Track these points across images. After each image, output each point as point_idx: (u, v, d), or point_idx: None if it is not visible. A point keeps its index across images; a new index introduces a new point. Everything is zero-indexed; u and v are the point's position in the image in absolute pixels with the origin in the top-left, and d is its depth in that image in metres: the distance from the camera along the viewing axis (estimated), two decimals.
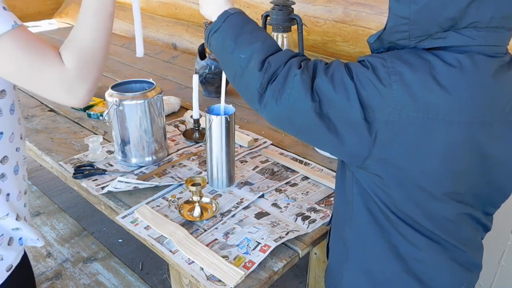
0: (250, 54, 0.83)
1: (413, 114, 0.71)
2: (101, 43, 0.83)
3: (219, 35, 0.89)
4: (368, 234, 0.88)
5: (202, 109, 1.55)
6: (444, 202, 0.80)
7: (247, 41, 0.85)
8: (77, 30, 0.83)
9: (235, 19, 0.89)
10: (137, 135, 1.35)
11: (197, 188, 1.15)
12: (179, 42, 2.87)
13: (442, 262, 0.87)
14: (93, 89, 0.84)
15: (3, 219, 0.90)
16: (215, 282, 0.95)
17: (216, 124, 1.20)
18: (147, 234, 1.10)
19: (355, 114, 0.73)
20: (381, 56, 0.75)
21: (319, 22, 2.10)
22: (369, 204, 0.85)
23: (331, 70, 0.77)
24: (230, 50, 0.86)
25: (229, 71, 0.89)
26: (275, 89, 0.79)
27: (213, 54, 0.94)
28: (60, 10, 3.88)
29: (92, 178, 1.32)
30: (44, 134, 1.60)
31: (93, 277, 2.14)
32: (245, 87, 0.85)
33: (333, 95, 0.74)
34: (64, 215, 2.60)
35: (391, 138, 0.73)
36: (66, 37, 0.84)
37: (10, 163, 0.90)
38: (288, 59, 0.81)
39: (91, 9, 0.82)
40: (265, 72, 0.80)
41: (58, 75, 0.78)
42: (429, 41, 0.73)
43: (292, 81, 0.77)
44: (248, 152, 1.49)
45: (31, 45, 0.77)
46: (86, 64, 0.81)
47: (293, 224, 1.13)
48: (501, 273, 1.64)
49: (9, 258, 0.93)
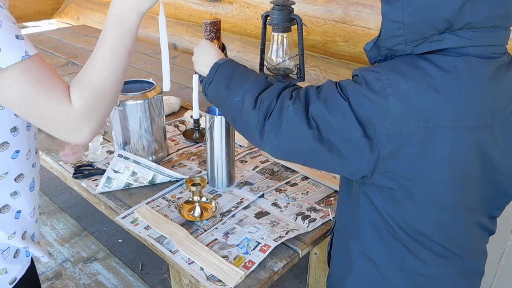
0: (242, 96, 0.86)
1: (413, 124, 0.70)
2: (114, 81, 0.78)
3: (213, 86, 0.94)
4: (373, 247, 0.87)
5: (202, 109, 1.55)
6: (455, 213, 0.79)
7: (238, 85, 0.88)
8: (91, 66, 0.77)
9: (225, 68, 0.94)
10: (137, 135, 1.35)
11: (197, 188, 1.15)
12: (179, 42, 2.87)
13: (448, 277, 0.86)
14: (99, 128, 0.79)
15: (10, 238, 0.87)
16: (215, 282, 0.95)
17: (216, 124, 1.20)
18: (147, 234, 1.10)
19: (355, 133, 0.73)
20: (374, 70, 0.74)
21: (319, 22, 2.10)
22: (376, 218, 0.84)
23: (323, 93, 0.77)
24: (225, 97, 0.90)
25: (229, 116, 0.92)
26: (272, 124, 0.80)
27: (211, 103, 0.99)
28: (60, 10, 3.88)
29: (92, 178, 1.32)
30: (44, 134, 1.59)
31: (93, 277, 2.14)
32: (245, 128, 0.87)
33: (329, 118, 0.74)
34: (64, 215, 2.60)
35: (394, 151, 0.72)
36: (66, 37, 0.82)
37: (26, 180, 0.87)
38: (279, 92, 0.83)
39: (109, 45, 0.77)
40: (259, 109, 0.82)
41: (62, 114, 0.73)
42: (426, 45, 0.72)
43: (286, 113, 0.78)
44: (248, 152, 1.49)
45: (40, 80, 0.71)
46: (94, 104, 0.76)
47: (293, 223, 1.13)
48: (501, 273, 1.64)
49: (14, 271, 0.90)
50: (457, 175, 0.75)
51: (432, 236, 0.81)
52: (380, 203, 0.82)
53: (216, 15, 2.50)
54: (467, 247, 0.85)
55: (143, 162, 1.30)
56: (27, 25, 4.04)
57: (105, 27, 0.78)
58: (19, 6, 3.51)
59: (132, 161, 1.29)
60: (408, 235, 0.81)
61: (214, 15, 2.34)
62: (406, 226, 0.81)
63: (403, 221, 0.80)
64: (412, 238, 0.81)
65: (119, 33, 0.78)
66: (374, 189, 0.81)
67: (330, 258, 1.05)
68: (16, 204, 0.87)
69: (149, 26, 3.05)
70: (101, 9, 3.47)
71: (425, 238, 0.81)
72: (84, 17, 3.64)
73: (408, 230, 0.81)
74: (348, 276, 0.95)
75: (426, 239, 0.81)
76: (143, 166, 1.29)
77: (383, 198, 0.80)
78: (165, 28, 1.00)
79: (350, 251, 0.93)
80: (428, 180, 0.74)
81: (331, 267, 1.04)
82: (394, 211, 0.80)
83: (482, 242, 0.90)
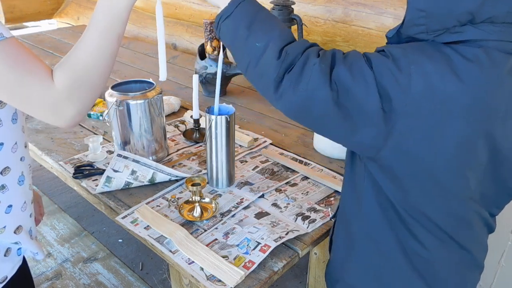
0: (266, 43, 0.80)
1: (430, 105, 0.71)
2: (101, 65, 0.77)
3: (230, 22, 0.85)
4: (376, 228, 0.88)
5: (202, 109, 1.55)
6: (457, 199, 0.80)
7: (262, 29, 0.82)
8: (78, 47, 0.77)
9: (248, 6, 0.85)
10: (137, 135, 1.35)
11: (197, 188, 1.15)
12: (179, 42, 2.87)
13: (447, 263, 0.87)
14: (83, 112, 0.78)
15: (0, 232, 0.86)
16: (215, 282, 0.95)
17: (216, 124, 1.20)
18: (147, 234, 1.10)
19: (373, 104, 0.73)
20: (401, 46, 0.75)
21: (319, 22, 2.10)
22: (380, 198, 0.85)
23: (349, 59, 0.77)
24: (244, 38, 0.83)
25: (242, 59, 0.86)
26: (292, 79, 0.77)
27: (223, 40, 0.90)
28: (60, 10, 3.88)
29: (92, 178, 1.32)
30: (44, 134, 1.60)
31: (93, 277, 2.14)
32: (259, 76, 0.82)
33: (351, 85, 0.74)
34: (64, 215, 2.60)
35: (407, 128, 0.73)
36: (66, 37, 0.81)
37: (13, 174, 0.87)
38: (305, 48, 0.80)
39: (98, 27, 0.76)
40: (283, 61, 0.78)
41: (44, 94, 0.72)
42: (447, 35, 0.74)
43: (310, 70, 0.76)
44: (248, 152, 1.49)
45: (18, 60, 0.71)
46: (78, 85, 0.75)
47: (293, 224, 1.13)
48: (501, 273, 1.64)
49: (4, 269, 0.89)
50: (464, 162, 0.76)
51: (433, 217, 0.82)
52: (384, 183, 0.82)
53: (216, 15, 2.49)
54: (467, 236, 0.86)
55: (142, 161, 1.30)
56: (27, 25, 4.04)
57: (95, 11, 0.78)
58: (19, 6, 3.51)
59: (131, 160, 1.29)
60: (411, 216, 0.82)
61: (214, 15, 2.33)
62: (409, 207, 0.82)
63: (406, 203, 0.82)
64: (414, 219, 0.82)
65: (108, 18, 0.77)
66: (379, 169, 0.81)
67: (331, 245, 1.05)
68: (5, 198, 0.86)
69: (149, 26, 3.05)
70: None
71: (427, 220, 0.82)
72: (84, 17, 3.64)
73: (411, 211, 0.82)
74: (350, 260, 0.96)
75: (427, 221, 0.82)
76: (143, 165, 1.29)
77: (388, 179, 0.81)
78: (161, 17, 0.99)
79: (352, 234, 0.94)
80: (435, 162, 0.75)
81: (332, 252, 1.04)
82: (398, 191, 0.81)
83: (482, 235, 0.90)
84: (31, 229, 0.95)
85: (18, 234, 0.90)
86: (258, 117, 1.78)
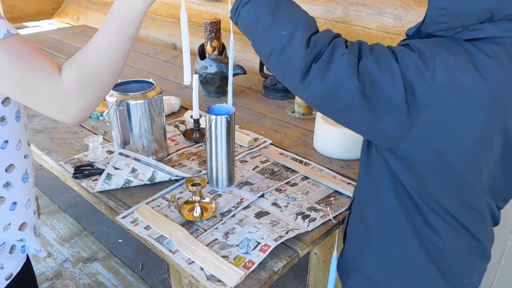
0: (292, 31, 0.78)
1: (452, 99, 0.73)
2: (111, 63, 0.77)
3: (252, 7, 0.82)
4: (392, 217, 0.90)
5: (202, 109, 1.55)
6: (472, 190, 0.83)
7: (287, 17, 0.80)
8: (90, 44, 0.77)
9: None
10: (137, 135, 1.35)
11: (197, 188, 1.15)
12: (179, 42, 2.87)
13: (459, 251, 0.90)
14: (91, 109, 0.78)
15: (6, 229, 0.87)
16: (215, 282, 0.95)
17: (216, 124, 1.20)
18: (147, 234, 1.10)
19: (398, 96, 0.74)
20: (425, 41, 0.77)
21: (319, 22, 2.10)
22: (397, 188, 0.86)
23: (376, 51, 0.78)
24: (267, 25, 0.80)
25: (263, 47, 0.83)
26: (320, 68, 0.77)
27: (241, 27, 0.86)
28: (60, 10, 3.88)
29: (92, 178, 1.32)
30: (44, 134, 1.60)
31: (93, 277, 2.14)
32: (284, 65, 0.81)
33: (378, 76, 0.75)
34: (64, 215, 2.60)
35: (429, 121, 0.75)
36: (66, 37, 0.82)
37: (18, 171, 0.87)
38: (332, 38, 0.80)
39: (111, 25, 0.77)
40: (311, 50, 0.77)
41: (50, 89, 0.73)
42: (466, 33, 0.76)
43: (339, 60, 0.76)
44: (248, 152, 1.49)
45: (24, 56, 0.72)
46: (86, 80, 0.75)
47: (293, 222, 1.13)
48: (501, 273, 1.64)
49: (10, 266, 0.90)
50: (480, 154, 0.79)
51: (449, 207, 0.84)
52: (402, 174, 0.84)
53: (216, 15, 2.49)
54: (478, 226, 0.89)
55: (143, 159, 1.30)
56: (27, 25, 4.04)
57: (110, 10, 0.78)
58: (19, 6, 3.51)
59: (132, 159, 1.30)
60: (427, 205, 0.85)
61: (214, 15, 2.33)
62: (426, 196, 0.84)
63: (423, 192, 0.84)
64: (430, 208, 0.85)
65: (123, 18, 0.77)
66: (397, 159, 0.83)
67: (346, 236, 1.07)
68: (10, 195, 0.87)
69: (149, 26, 3.05)
70: (101, 9, 3.47)
71: (442, 209, 0.84)
72: (84, 17, 3.64)
73: (427, 200, 0.84)
74: (365, 250, 0.98)
75: (443, 210, 0.84)
76: (143, 163, 1.29)
77: (406, 169, 0.83)
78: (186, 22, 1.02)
79: (369, 224, 0.96)
80: (454, 153, 0.78)
81: (347, 243, 1.06)
82: (416, 181, 0.83)
83: (491, 226, 0.94)
84: (35, 226, 0.96)
85: (22, 231, 0.91)
86: (258, 117, 1.78)
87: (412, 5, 1.79)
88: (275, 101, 1.96)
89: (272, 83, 1.98)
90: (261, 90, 2.04)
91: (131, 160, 1.29)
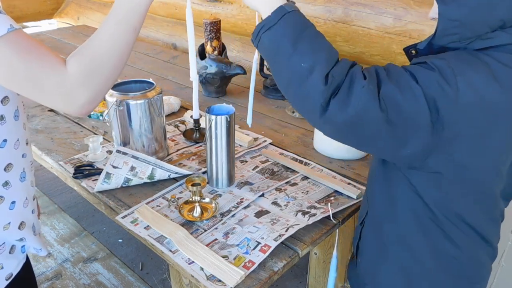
0: (312, 65, 0.76)
1: (476, 113, 0.73)
2: (115, 55, 0.78)
3: (274, 35, 0.80)
4: (410, 232, 0.90)
5: (202, 109, 1.55)
6: (496, 199, 0.85)
7: (309, 49, 0.78)
8: (94, 37, 0.78)
9: (293, 19, 0.80)
10: (137, 135, 1.35)
11: (197, 188, 1.15)
12: (179, 42, 2.87)
13: (475, 258, 0.92)
14: (96, 100, 0.78)
15: (5, 229, 0.88)
16: (215, 282, 0.95)
17: (216, 124, 1.20)
18: (147, 234, 1.10)
19: (424, 117, 0.73)
20: (442, 57, 0.76)
21: (319, 22, 2.10)
22: (417, 204, 0.87)
23: (394, 76, 0.76)
24: (287, 55, 0.78)
25: (282, 76, 0.82)
26: (339, 102, 0.75)
27: (261, 51, 0.84)
28: (60, 10, 3.88)
29: (92, 178, 1.32)
30: (44, 134, 1.60)
31: (93, 277, 2.14)
32: (302, 99, 0.79)
33: (401, 101, 0.74)
34: (64, 215, 2.60)
35: (454, 136, 0.75)
36: (66, 37, 0.82)
37: (16, 170, 0.87)
38: (349, 69, 0.77)
39: (115, 17, 0.78)
40: (330, 86, 0.75)
41: (56, 80, 0.73)
42: (478, 42, 0.76)
43: (359, 92, 0.74)
44: (248, 152, 1.49)
45: (28, 49, 0.72)
46: (91, 72, 0.76)
47: (293, 218, 1.13)
48: (501, 273, 1.64)
49: (10, 266, 0.90)
50: (502, 164, 0.80)
51: (467, 217, 0.85)
52: (423, 189, 0.84)
53: (216, 15, 2.49)
54: (492, 230, 0.91)
55: (141, 157, 1.30)
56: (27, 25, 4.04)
57: (115, 2, 0.79)
58: (19, 6, 3.51)
59: (130, 156, 1.29)
60: (448, 219, 0.85)
61: (214, 15, 2.34)
62: (447, 211, 0.84)
63: (445, 206, 0.84)
64: (451, 222, 0.85)
65: (127, 9, 0.78)
66: (419, 175, 0.83)
67: (358, 250, 1.07)
68: (9, 195, 0.87)
69: (149, 26, 3.05)
70: (101, 9, 3.47)
71: (463, 222, 0.85)
72: (84, 17, 3.64)
73: (449, 214, 0.85)
74: (382, 264, 0.98)
75: (463, 223, 0.85)
76: (142, 161, 1.29)
77: (428, 184, 0.83)
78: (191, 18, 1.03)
79: (386, 239, 0.96)
80: (480, 165, 0.79)
81: (361, 257, 1.06)
82: (438, 196, 0.83)
83: (500, 227, 0.96)
84: (34, 225, 0.96)
85: (21, 230, 0.91)
86: (258, 117, 1.78)
87: (412, 5, 1.79)
88: (275, 101, 1.96)
89: (272, 83, 1.97)
90: (261, 90, 2.04)
91: (129, 158, 1.29)
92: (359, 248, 1.07)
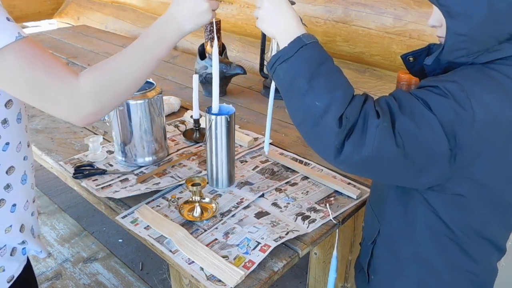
0: (327, 104, 0.73)
1: (494, 134, 0.73)
2: (132, 79, 0.79)
3: (289, 68, 0.76)
4: (427, 250, 0.90)
5: (202, 109, 1.55)
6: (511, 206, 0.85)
7: (325, 87, 0.74)
8: (118, 57, 0.79)
9: (310, 53, 0.76)
10: (137, 135, 1.35)
11: (197, 188, 1.15)
12: (179, 42, 2.86)
13: (489, 267, 0.94)
14: (101, 113, 0.79)
15: (7, 232, 0.87)
16: (215, 282, 0.95)
17: (216, 124, 1.20)
18: (147, 234, 1.10)
19: (442, 146, 0.73)
20: (453, 80, 0.75)
21: (319, 22, 2.10)
22: (434, 223, 0.86)
23: (406, 107, 0.74)
24: (302, 92, 0.75)
25: (296, 113, 0.79)
26: (354, 143, 0.73)
27: (276, 82, 0.81)
28: (60, 10, 3.88)
29: (92, 178, 1.32)
30: (44, 134, 1.60)
31: (93, 277, 2.14)
32: (315, 139, 0.77)
33: (417, 133, 0.72)
34: (64, 215, 2.60)
35: (473, 158, 0.74)
36: (66, 37, 0.82)
37: (17, 173, 0.87)
38: (361, 106, 0.74)
39: (144, 45, 0.79)
40: (344, 128, 0.73)
41: (61, 89, 0.74)
42: (486, 55, 0.76)
43: (374, 132, 0.71)
44: (248, 152, 1.49)
45: (36, 59, 0.73)
46: (104, 89, 0.76)
47: (293, 223, 1.13)
48: (501, 273, 1.63)
49: (11, 269, 0.90)
50: None
51: (488, 234, 0.86)
52: (442, 209, 0.84)
53: (216, 15, 2.49)
54: (505, 238, 0.92)
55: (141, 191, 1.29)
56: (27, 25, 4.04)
57: (148, 30, 0.82)
58: (19, 6, 3.52)
59: None
60: (467, 236, 0.85)
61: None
62: (467, 228, 0.84)
63: (466, 224, 0.84)
64: (470, 238, 0.85)
65: (158, 38, 0.81)
66: (438, 195, 0.83)
67: (369, 267, 1.06)
68: (10, 198, 0.87)
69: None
70: (101, 9, 3.47)
71: (481, 238, 0.86)
72: (84, 17, 3.64)
73: (468, 231, 0.85)
74: (397, 281, 0.98)
75: (482, 239, 0.86)
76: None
77: (448, 204, 0.83)
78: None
79: (400, 257, 0.95)
80: (500, 181, 0.79)
81: (374, 275, 1.05)
82: (458, 215, 0.83)
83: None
84: (33, 227, 0.96)
85: (22, 232, 0.91)
86: (258, 117, 1.78)
87: (412, 5, 1.79)
88: (275, 101, 1.94)
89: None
90: (261, 90, 2.04)
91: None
92: (370, 265, 1.05)
